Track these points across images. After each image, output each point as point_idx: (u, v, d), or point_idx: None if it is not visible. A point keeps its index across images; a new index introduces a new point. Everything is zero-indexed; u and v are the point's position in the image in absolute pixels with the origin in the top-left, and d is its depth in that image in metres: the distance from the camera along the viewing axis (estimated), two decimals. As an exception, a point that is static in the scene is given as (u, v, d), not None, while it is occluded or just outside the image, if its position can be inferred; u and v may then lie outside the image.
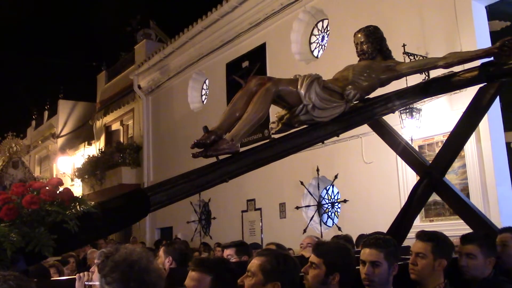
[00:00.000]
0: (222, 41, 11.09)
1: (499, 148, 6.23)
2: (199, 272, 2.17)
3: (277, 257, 2.20)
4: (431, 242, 2.77)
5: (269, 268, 2.14)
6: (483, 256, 2.93)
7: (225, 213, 10.69)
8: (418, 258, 2.75)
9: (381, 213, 6.93)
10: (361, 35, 3.68)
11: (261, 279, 2.12)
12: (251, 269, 2.17)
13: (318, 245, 2.59)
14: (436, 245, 2.76)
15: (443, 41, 6.65)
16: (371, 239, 2.69)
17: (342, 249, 2.56)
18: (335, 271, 2.40)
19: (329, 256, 2.45)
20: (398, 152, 4.20)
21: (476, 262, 2.93)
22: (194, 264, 2.21)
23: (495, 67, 3.48)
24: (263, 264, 2.15)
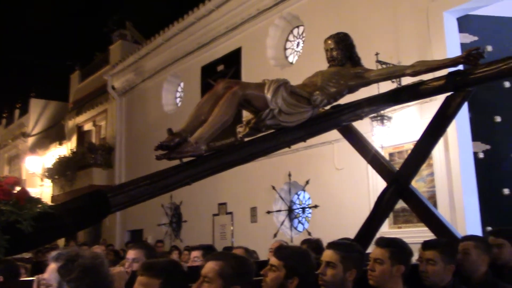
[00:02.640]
0: (198, 44, 11.06)
1: (467, 157, 6.32)
2: (147, 277, 2.08)
3: (235, 260, 2.15)
4: (389, 248, 2.79)
5: (228, 272, 2.07)
6: (443, 262, 2.96)
7: (196, 217, 10.63)
8: (376, 264, 2.77)
9: (351, 219, 6.96)
10: (331, 42, 3.70)
11: (220, 285, 2.05)
12: (208, 275, 2.08)
13: (279, 248, 2.58)
14: (394, 251, 2.78)
15: (415, 51, 6.73)
16: (332, 242, 2.70)
17: (303, 253, 2.56)
18: (294, 275, 2.39)
19: (289, 260, 2.44)
20: (367, 159, 4.22)
21: (436, 268, 2.95)
22: (142, 268, 2.13)
23: (461, 76, 3.54)
24: (221, 269, 2.08)
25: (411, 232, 6.34)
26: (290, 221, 8.78)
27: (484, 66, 3.42)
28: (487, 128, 6.47)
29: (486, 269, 3.21)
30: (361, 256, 2.73)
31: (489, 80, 3.55)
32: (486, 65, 3.43)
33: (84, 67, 16.81)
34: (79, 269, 1.79)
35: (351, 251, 2.67)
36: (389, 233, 6.61)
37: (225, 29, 10.29)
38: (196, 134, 2.77)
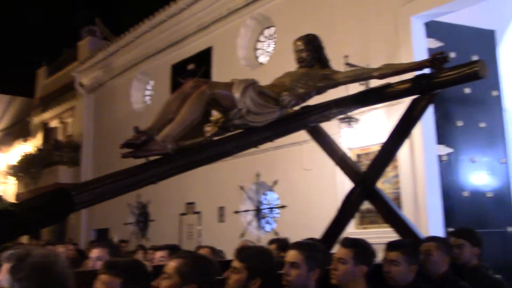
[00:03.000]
0: (169, 42, 10.97)
1: (431, 160, 6.44)
2: (108, 275, 2.08)
3: (194, 259, 2.17)
4: (352, 248, 2.84)
5: (185, 270, 2.10)
6: (406, 263, 3.02)
7: (163, 216, 10.55)
8: (339, 263, 2.81)
9: (318, 219, 6.98)
10: (300, 43, 3.74)
11: (177, 281, 2.09)
12: (168, 271, 2.13)
13: (241, 250, 2.59)
14: (357, 252, 2.83)
15: (383, 54, 6.83)
16: (296, 242, 2.72)
17: (264, 253, 2.57)
18: (256, 275, 2.41)
19: (251, 261, 2.45)
20: (335, 160, 4.27)
21: (399, 269, 3.01)
22: (104, 267, 2.13)
23: (427, 80, 3.62)
24: (180, 266, 2.12)
25: (376, 233, 6.43)
26: (257, 221, 8.81)
27: (449, 70, 3.52)
28: (450, 132, 6.62)
29: (446, 268, 3.30)
30: (325, 256, 2.76)
31: (453, 84, 3.65)
32: (450, 69, 3.52)
33: (51, 63, 16.48)
34: (28, 268, 1.77)
35: (314, 251, 2.70)
36: (355, 234, 6.69)
37: (196, 28, 10.24)
38: (163, 133, 2.75)
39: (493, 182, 6.76)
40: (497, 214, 6.64)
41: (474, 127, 6.78)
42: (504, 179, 6.85)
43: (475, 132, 6.77)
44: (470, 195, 6.57)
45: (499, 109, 7.01)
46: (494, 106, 6.98)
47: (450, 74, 3.48)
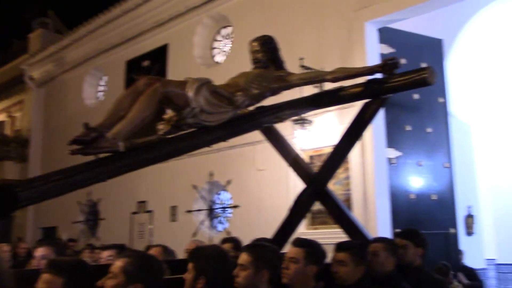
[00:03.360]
0: (124, 38, 10.79)
1: (381, 162, 6.60)
2: (50, 274, 2.06)
3: (141, 259, 2.16)
4: (303, 248, 2.90)
5: (131, 269, 2.10)
6: (353, 264, 3.10)
7: (114, 214, 10.37)
8: (290, 263, 2.86)
9: (271, 219, 7.04)
10: (256, 44, 3.76)
11: (123, 281, 2.07)
12: (113, 271, 2.11)
13: (191, 250, 2.61)
14: (308, 252, 2.88)
15: (338, 58, 6.95)
16: (246, 245, 2.74)
17: (212, 254, 2.59)
18: (201, 275, 2.42)
19: (198, 261, 2.47)
20: (287, 160, 4.31)
21: (346, 269, 3.09)
22: (47, 266, 2.10)
23: (378, 85, 3.70)
24: (125, 266, 2.11)
25: (327, 233, 6.53)
26: (210, 221, 8.79)
27: (399, 76, 3.61)
28: (399, 136, 6.82)
29: (392, 269, 3.40)
30: (275, 257, 2.79)
31: (403, 89, 3.75)
32: (400, 75, 3.62)
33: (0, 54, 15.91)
34: None
35: (263, 253, 2.72)
36: (306, 234, 6.77)
37: (152, 24, 10.11)
38: (114, 130, 2.70)
39: (437, 185, 7.01)
40: (440, 216, 6.90)
41: (421, 132, 7.01)
42: (447, 183, 7.12)
43: (422, 137, 7.00)
44: (416, 197, 6.78)
45: (445, 115, 7.28)
46: (440, 112, 7.25)
47: (400, 79, 3.58)
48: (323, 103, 4.10)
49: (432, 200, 6.90)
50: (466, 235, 8.20)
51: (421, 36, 7.25)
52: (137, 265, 2.10)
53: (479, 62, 9.74)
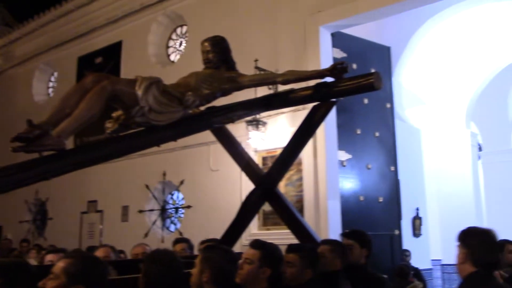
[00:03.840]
0: (76, 33, 10.55)
1: (333, 164, 6.71)
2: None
3: (84, 259, 2.13)
4: (260, 250, 2.93)
5: (72, 270, 2.06)
6: (301, 266, 3.14)
7: (63, 214, 10.12)
8: (245, 263, 2.88)
9: (223, 220, 6.98)
10: (207, 44, 3.76)
11: (64, 282, 2.04)
12: (55, 271, 2.07)
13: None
14: (264, 254, 2.92)
15: (292, 61, 7.02)
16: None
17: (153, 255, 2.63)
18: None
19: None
20: (237, 160, 4.32)
21: (293, 271, 3.13)
22: None
23: (327, 88, 3.76)
24: (67, 267, 2.07)
25: (279, 234, 6.58)
26: (162, 221, 8.71)
27: (347, 80, 3.69)
28: (350, 139, 6.96)
29: (338, 269, 3.47)
30: (217, 257, 2.79)
31: (351, 94, 3.84)
32: (349, 79, 3.69)
33: None
34: None
35: (209, 253, 2.76)
36: (258, 235, 6.81)
37: (106, 20, 9.93)
38: (59, 128, 2.65)
39: (384, 188, 7.20)
40: (386, 218, 7.10)
41: (370, 136, 7.19)
42: (393, 186, 7.33)
43: (371, 141, 7.18)
44: (365, 199, 6.94)
45: (391, 120, 7.49)
46: (387, 117, 7.46)
47: (348, 84, 3.65)
48: (274, 105, 4.14)
49: (379, 202, 7.09)
50: (413, 237, 8.46)
51: (371, 43, 7.45)
52: (79, 266, 2.07)
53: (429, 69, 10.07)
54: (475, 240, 2.55)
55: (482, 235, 2.59)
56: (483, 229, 2.69)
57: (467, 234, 2.61)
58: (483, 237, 2.58)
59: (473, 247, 2.52)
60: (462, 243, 2.56)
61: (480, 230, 2.66)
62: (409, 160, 8.49)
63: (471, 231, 2.64)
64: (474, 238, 2.57)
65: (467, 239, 2.56)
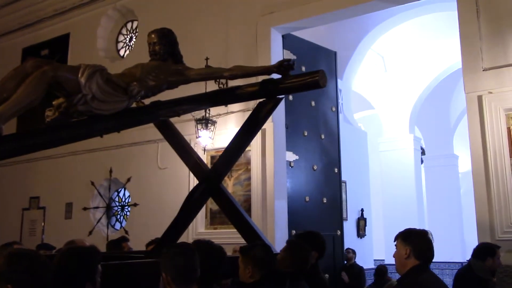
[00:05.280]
0: (20, 24, 10.19)
1: (281, 165, 6.76)
2: None
3: (10, 257, 2.03)
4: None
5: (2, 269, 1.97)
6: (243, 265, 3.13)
7: (3, 210, 9.73)
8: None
9: (170, 219, 6.95)
10: (154, 36, 3.72)
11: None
12: None
13: None
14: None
15: (243, 61, 6.98)
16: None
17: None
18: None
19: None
20: (181, 155, 4.29)
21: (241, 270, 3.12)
22: None
23: (273, 85, 3.80)
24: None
25: (226, 233, 6.59)
26: (107, 219, 8.53)
27: (293, 77, 3.74)
28: (297, 141, 7.05)
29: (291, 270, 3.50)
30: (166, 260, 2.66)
31: (297, 91, 3.92)
32: (295, 76, 3.75)
33: None
34: None
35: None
36: (204, 234, 6.79)
37: (53, 11, 9.65)
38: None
39: (328, 190, 7.33)
40: (330, 219, 7.23)
41: (316, 138, 7.31)
42: (336, 187, 7.47)
43: (317, 142, 7.30)
44: (310, 200, 7.04)
45: (336, 124, 7.65)
46: (332, 120, 7.61)
47: (294, 81, 3.71)
48: (220, 100, 4.15)
49: (324, 203, 7.21)
50: (357, 237, 8.65)
51: (319, 47, 7.59)
52: (5, 264, 1.98)
53: (376, 74, 10.37)
54: (418, 239, 2.90)
55: (423, 235, 2.97)
56: (423, 230, 3.08)
57: (410, 234, 2.96)
58: (424, 237, 2.95)
59: (417, 245, 2.87)
60: (405, 241, 2.90)
61: (421, 231, 3.03)
62: (355, 162, 8.69)
63: (414, 231, 3.00)
64: (417, 237, 2.93)
65: (411, 238, 2.90)
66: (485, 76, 5.25)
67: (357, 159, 8.81)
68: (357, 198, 8.68)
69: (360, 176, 8.86)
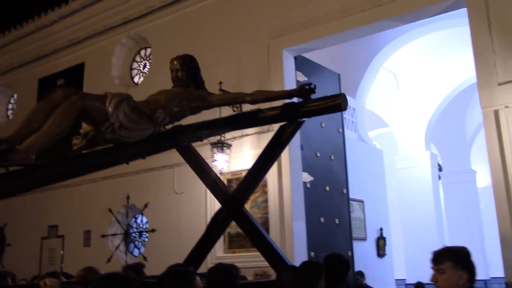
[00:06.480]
0: (37, 55, 10.40)
1: (297, 186, 6.74)
2: None
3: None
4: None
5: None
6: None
7: (22, 240, 9.78)
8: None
9: (188, 243, 6.87)
10: (177, 63, 3.78)
11: None
12: None
13: None
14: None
15: (256, 83, 7.08)
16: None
17: None
18: None
19: None
20: (203, 180, 4.30)
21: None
22: None
23: (294, 108, 3.83)
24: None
25: (245, 257, 6.56)
26: (125, 245, 8.52)
27: (314, 101, 3.76)
28: (311, 161, 7.04)
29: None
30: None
31: (318, 114, 3.92)
32: (316, 100, 3.77)
33: None
34: None
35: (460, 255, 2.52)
36: (223, 258, 6.76)
37: (68, 42, 9.84)
38: (27, 142, 2.59)
39: (338, 210, 7.28)
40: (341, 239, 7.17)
41: (327, 159, 7.29)
42: (344, 209, 7.41)
43: (327, 163, 7.28)
44: (325, 221, 7.00)
45: (343, 145, 7.63)
46: (339, 141, 7.60)
47: (315, 104, 3.73)
48: (241, 124, 4.17)
49: (336, 224, 7.16)
50: (377, 257, 8.55)
51: (323, 68, 7.63)
52: None
53: (390, 92, 10.38)
54: (471, 262, 2.49)
55: (470, 254, 2.54)
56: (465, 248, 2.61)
57: (463, 256, 2.51)
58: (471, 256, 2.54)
59: (472, 269, 2.46)
60: (458, 265, 2.44)
61: (466, 250, 2.58)
62: (372, 181, 8.65)
63: (462, 251, 2.55)
64: (469, 258, 2.51)
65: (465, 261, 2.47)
66: (500, 90, 5.22)
67: (373, 178, 8.76)
68: (376, 217, 8.61)
69: (377, 195, 8.80)
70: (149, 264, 7.04)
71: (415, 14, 6.26)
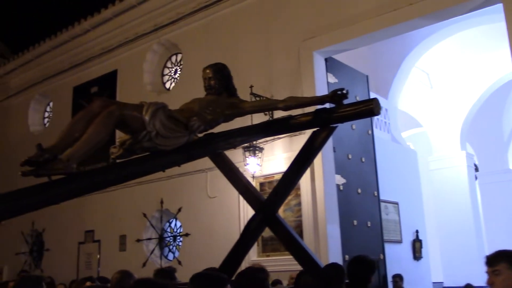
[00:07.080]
0: (71, 63, 10.65)
1: (330, 189, 6.71)
2: None
3: None
4: None
5: None
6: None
7: (60, 245, 10.02)
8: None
9: (222, 247, 6.92)
10: (209, 71, 3.81)
11: None
12: None
13: None
14: None
15: (287, 86, 7.10)
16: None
17: None
18: None
19: None
20: (236, 186, 4.31)
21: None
22: None
23: (327, 114, 3.79)
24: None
25: (279, 260, 6.57)
26: (160, 250, 8.63)
27: (347, 106, 3.73)
28: (344, 164, 6.99)
29: None
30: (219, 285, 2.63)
31: (351, 119, 3.88)
32: (348, 105, 3.73)
33: None
34: None
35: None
36: (257, 261, 6.77)
37: (101, 50, 10.05)
38: (68, 152, 2.67)
39: (370, 213, 7.21)
40: (374, 242, 7.08)
41: (358, 161, 7.23)
42: (376, 211, 7.32)
43: (358, 166, 7.22)
44: (358, 224, 6.94)
45: (372, 147, 7.56)
46: (369, 143, 7.53)
47: (348, 109, 3.68)
48: (274, 131, 4.16)
49: (368, 227, 7.10)
50: (414, 260, 8.43)
51: (352, 69, 7.57)
52: None
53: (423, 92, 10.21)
54: None
55: None
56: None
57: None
58: None
59: None
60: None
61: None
62: (407, 182, 8.53)
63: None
64: None
65: None
66: (539, 87, 5.10)
67: (408, 180, 8.64)
68: (411, 219, 8.49)
69: (412, 196, 8.68)
70: (184, 268, 7.12)
71: (448, 12, 6.16)
